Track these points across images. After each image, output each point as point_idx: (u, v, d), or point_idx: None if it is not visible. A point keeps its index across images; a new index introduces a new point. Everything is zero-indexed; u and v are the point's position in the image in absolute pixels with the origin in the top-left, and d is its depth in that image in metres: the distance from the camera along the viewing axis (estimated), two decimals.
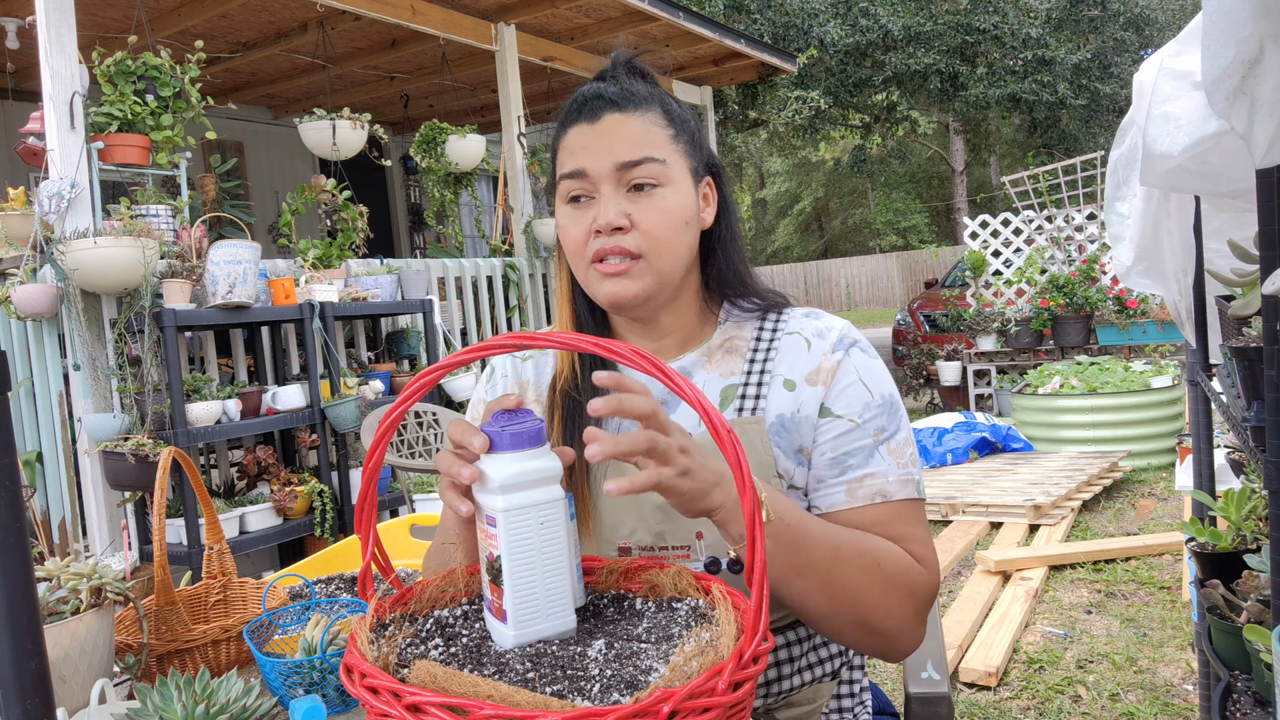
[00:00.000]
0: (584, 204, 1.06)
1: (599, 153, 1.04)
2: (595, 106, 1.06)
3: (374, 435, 0.80)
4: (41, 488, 3.55)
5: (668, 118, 1.08)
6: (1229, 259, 1.45)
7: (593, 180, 1.04)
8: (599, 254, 1.04)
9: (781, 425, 1.07)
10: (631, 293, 1.05)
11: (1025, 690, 2.79)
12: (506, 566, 0.77)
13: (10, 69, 5.46)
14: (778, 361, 1.10)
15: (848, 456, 1.05)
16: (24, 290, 3.21)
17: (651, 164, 1.04)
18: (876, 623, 0.97)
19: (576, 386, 1.12)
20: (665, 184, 1.05)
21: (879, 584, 0.97)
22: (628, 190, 1.04)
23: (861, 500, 1.03)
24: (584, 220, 1.05)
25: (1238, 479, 1.70)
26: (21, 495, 0.55)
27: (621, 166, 1.03)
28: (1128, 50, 15.92)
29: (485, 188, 8.15)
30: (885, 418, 1.06)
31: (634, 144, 1.04)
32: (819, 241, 30.68)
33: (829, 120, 14.04)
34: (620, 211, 1.03)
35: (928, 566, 1.03)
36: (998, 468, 5.38)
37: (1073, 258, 7.03)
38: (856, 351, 1.09)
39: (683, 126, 1.09)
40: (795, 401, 1.07)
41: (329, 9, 4.94)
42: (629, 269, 1.04)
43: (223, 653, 1.17)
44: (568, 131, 1.08)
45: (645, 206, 1.04)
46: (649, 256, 1.04)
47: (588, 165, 1.04)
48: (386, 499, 4.02)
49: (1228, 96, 0.75)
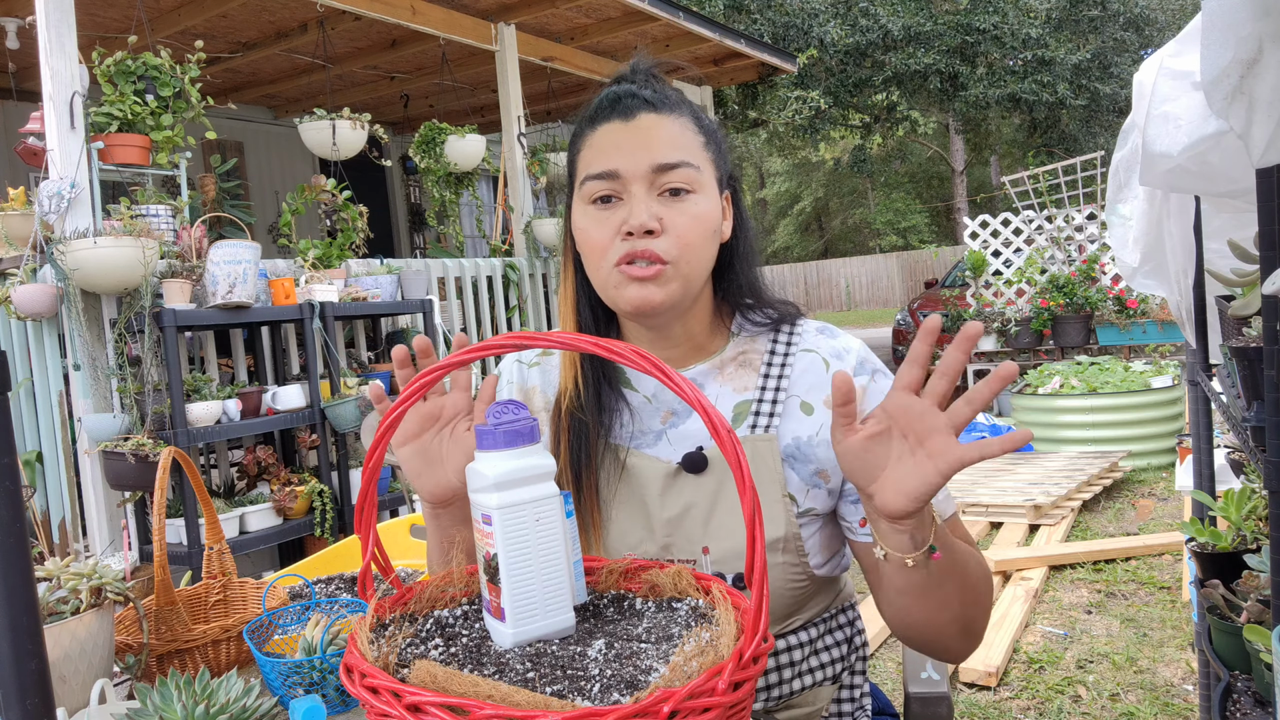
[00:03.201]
0: (612, 205, 1.02)
1: (634, 152, 1.00)
2: (630, 105, 1.03)
3: (374, 435, 0.80)
4: (41, 488, 3.56)
5: (699, 125, 1.06)
6: (1229, 259, 1.45)
7: (624, 181, 1.01)
8: (627, 257, 1.00)
9: (797, 448, 1.06)
10: (658, 299, 1.01)
11: (1025, 690, 2.79)
12: (503, 565, 0.77)
13: (10, 69, 5.46)
14: (794, 381, 1.08)
15: None
16: (24, 290, 3.21)
17: (687, 168, 1.01)
18: (980, 624, 0.99)
19: (580, 405, 1.10)
20: (698, 190, 1.02)
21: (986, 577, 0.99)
22: (659, 194, 1.01)
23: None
24: (611, 221, 1.01)
25: (1238, 479, 1.70)
26: (21, 495, 0.55)
27: (658, 169, 1.00)
28: (1128, 50, 15.92)
29: (485, 188, 8.15)
30: None
31: (671, 145, 1.01)
32: (819, 241, 30.68)
33: (829, 120, 14.04)
34: (653, 214, 1.00)
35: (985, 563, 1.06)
36: (998, 468, 5.38)
37: (1073, 258, 7.03)
38: (879, 377, 1.09)
39: (712, 136, 1.08)
40: (813, 425, 1.06)
41: (329, 9, 4.94)
42: (657, 274, 1.00)
43: (223, 653, 1.17)
44: (596, 129, 1.04)
45: (677, 211, 1.01)
46: (677, 263, 1.01)
47: (621, 165, 1.00)
48: (386, 499, 4.03)
49: (1226, 96, 0.75)
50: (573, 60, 6.30)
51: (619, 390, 1.12)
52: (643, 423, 1.10)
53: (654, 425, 1.10)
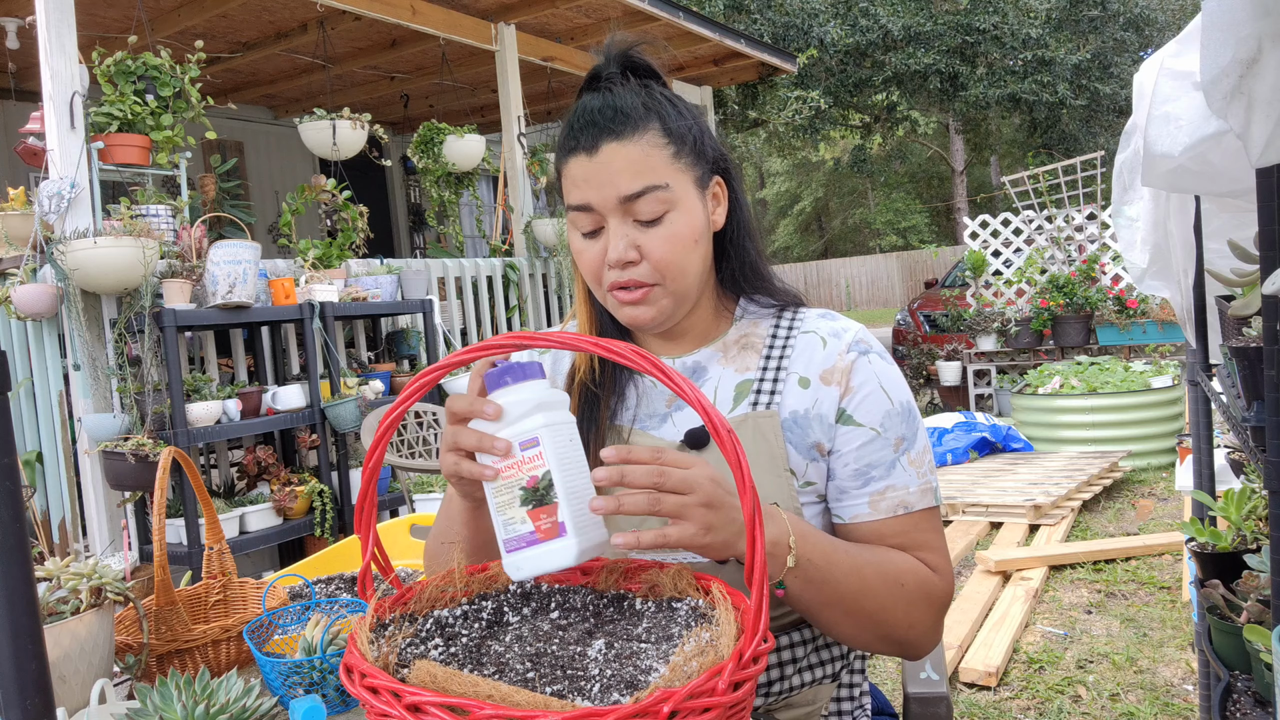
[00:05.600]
0: (596, 235, 1.06)
1: (601, 186, 1.03)
2: (592, 136, 1.03)
3: (374, 435, 0.80)
4: (41, 488, 3.56)
5: (666, 135, 1.04)
6: (1229, 259, 1.45)
7: (599, 213, 1.04)
8: (615, 285, 1.06)
9: (795, 422, 1.08)
10: (648, 317, 1.07)
11: (1025, 690, 2.79)
12: (559, 478, 0.81)
13: (10, 69, 5.46)
14: (794, 359, 1.11)
15: (870, 468, 1.06)
16: (24, 290, 3.21)
17: (653, 193, 1.02)
18: (900, 636, 1.03)
19: (595, 380, 1.14)
20: (671, 208, 1.04)
21: (902, 603, 1.02)
22: (634, 220, 1.04)
23: (884, 513, 1.06)
24: (596, 250, 1.06)
25: (1238, 479, 1.70)
26: (21, 495, 0.55)
27: (625, 200, 1.02)
28: (1128, 50, 15.93)
29: (485, 188, 8.15)
30: (905, 425, 1.08)
31: (634, 174, 1.02)
32: (819, 241, 30.68)
33: (829, 120, 14.06)
34: (629, 244, 1.03)
35: (943, 574, 1.07)
36: (998, 468, 5.38)
37: (1073, 258, 7.03)
38: (875, 357, 1.10)
39: (682, 140, 1.06)
40: (810, 399, 1.08)
41: (329, 9, 4.94)
42: (645, 296, 1.05)
43: (223, 653, 1.17)
44: (567, 161, 1.06)
45: (652, 236, 1.04)
46: (664, 283, 1.05)
47: (592, 199, 1.04)
48: (386, 499, 4.03)
49: (1225, 95, 0.75)
50: (573, 60, 6.30)
51: (627, 373, 1.15)
52: (650, 406, 1.13)
53: (660, 408, 1.13)
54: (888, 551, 1.04)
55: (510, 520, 0.82)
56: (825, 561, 0.95)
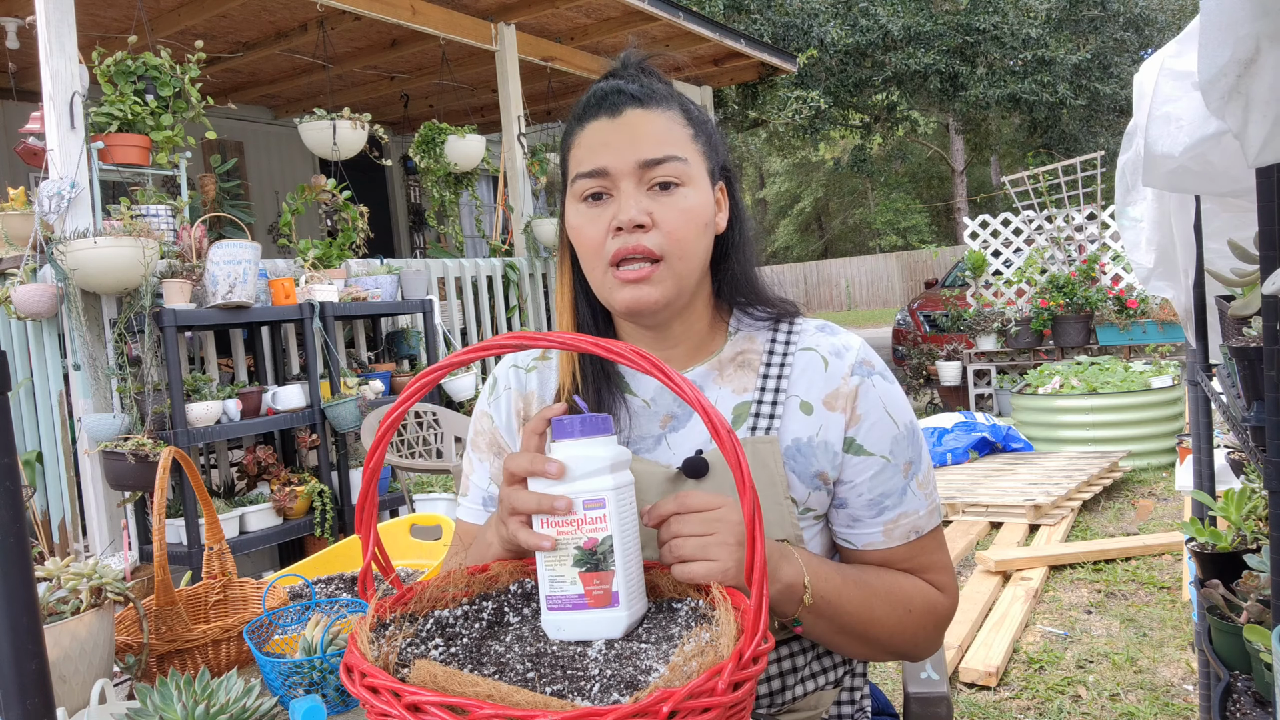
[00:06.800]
0: (603, 201, 1.02)
1: (620, 149, 1.01)
2: (616, 101, 1.03)
3: (374, 435, 0.80)
4: (41, 488, 3.56)
5: (687, 117, 1.06)
6: (1229, 259, 1.45)
7: (613, 178, 1.01)
8: (618, 255, 1.00)
9: (798, 450, 1.05)
10: (652, 299, 1.01)
11: (1025, 690, 2.79)
12: (619, 545, 0.78)
13: (10, 69, 5.46)
14: (793, 380, 1.07)
15: (884, 497, 1.06)
16: (24, 290, 3.21)
17: (675, 162, 1.01)
18: (905, 652, 1.08)
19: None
20: (686, 183, 1.02)
21: (910, 627, 1.05)
22: (649, 189, 1.01)
23: (898, 540, 1.07)
24: (602, 218, 1.02)
25: (1238, 479, 1.70)
26: (21, 495, 0.55)
27: (645, 164, 1.00)
28: (1128, 50, 15.92)
29: (485, 188, 8.15)
30: (911, 448, 1.07)
31: (658, 140, 1.01)
32: (819, 241, 30.68)
33: (829, 120, 14.05)
34: (642, 209, 0.99)
35: (949, 592, 1.09)
36: (998, 468, 5.38)
37: (1073, 258, 7.03)
38: (878, 379, 1.08)
39: (701, 127, 1.07)
40: (813, 426, 1.05)
41: (329, 9, 4.94)
42: (649, 274, 1.01)
43: (223, 653, 1.17)
44: (585, 127, 1.04)
45: (667, 205, 1.01)
46: (669, 259, 1.01)
47: (609, 162, 1.01)
48: (386, 499, 4.03)
49: (1223, 95, 0.75)
50: (573, 60, 6.30)
51: (617, 393, 1.10)
52: (641, 428, 1.09)
53: (653, 430, 1.09)
54: (895, 576, 1.06)
55: (559, 579, 0.79)
56: (837, 597, 0.97)
